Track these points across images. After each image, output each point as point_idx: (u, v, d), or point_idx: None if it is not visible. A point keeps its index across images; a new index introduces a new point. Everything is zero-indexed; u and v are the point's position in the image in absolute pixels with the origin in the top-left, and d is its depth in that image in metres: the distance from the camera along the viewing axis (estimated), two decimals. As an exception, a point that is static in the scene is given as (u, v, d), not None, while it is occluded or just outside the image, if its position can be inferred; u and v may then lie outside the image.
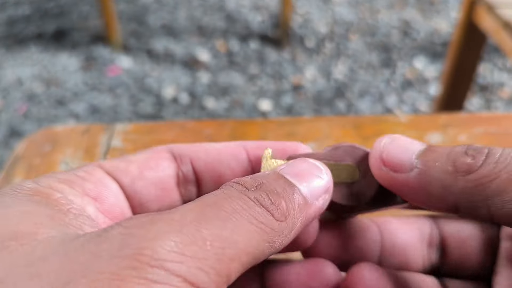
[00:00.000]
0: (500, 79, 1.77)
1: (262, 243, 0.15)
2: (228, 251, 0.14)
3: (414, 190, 0.19)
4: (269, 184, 0.17)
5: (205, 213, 0.15)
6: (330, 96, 1.67)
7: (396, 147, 0.19)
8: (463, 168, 0.17)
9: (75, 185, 0.18)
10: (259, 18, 2.11)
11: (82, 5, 2.18)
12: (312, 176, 0.18)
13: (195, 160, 0.21)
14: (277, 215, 0.16)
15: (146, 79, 1.73)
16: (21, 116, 1.56)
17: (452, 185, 0.18)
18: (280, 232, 0.16)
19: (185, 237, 0.14)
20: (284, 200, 0.17)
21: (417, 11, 2.21)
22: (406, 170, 0.19)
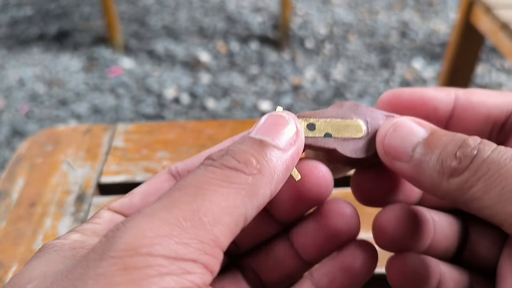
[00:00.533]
0: (498, 80, 1.77)
1: (240, 199, 0.16)
2: (204, 218, 0.15)
3: (409, 179, 0.20)
4: (235, 147, 0.18)
5: (173, 196, 0.16)
6: (329, 96, 1.68)
7: (396, 136, 0.20)
8: (448, 171, 0.18)
9: (87, 230, 0.20)
10: (259, 19, 2.11)
11: (83, 6, 2.19)
12: (279, 126, 0.19)
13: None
14: (247, 170, 0.17)
15: (147, 79, 1.74)
16: (23, 117, 1.57)
17: (438, 184, 0.18)
18: (257, 183, 0.17)
19: (157, 222, 0.15)
20: (252, 156, 0.18)
21: (416, 12, 2.21)
22: (403, 160, 0.20)
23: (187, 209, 0.15)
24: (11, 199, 0.38)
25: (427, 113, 0.22)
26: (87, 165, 0.42)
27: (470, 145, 0.18)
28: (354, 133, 0.21)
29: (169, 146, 0.43)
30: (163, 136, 0.45)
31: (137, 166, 0.41)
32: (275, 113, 0.20)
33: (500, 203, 0.17)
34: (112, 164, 0.42)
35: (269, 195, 0.18)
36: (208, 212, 0.15)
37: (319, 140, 0.21)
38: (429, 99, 0.22)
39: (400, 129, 0.20)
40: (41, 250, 0.19)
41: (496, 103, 0.22)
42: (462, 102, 0.22)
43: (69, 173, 0.41)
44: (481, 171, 0.17)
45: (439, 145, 0.19)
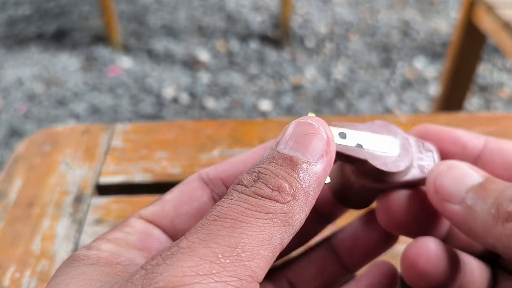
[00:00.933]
0: (500, 79, 1.77)
1: (277, 229, 0.16)
2: (242, 254, 0.15)
3: (459, 223, 0.19)
4: (265, 170, 0.17)
5: (209, 230, 0.15)
6: (330, 96, 1.67)
7: (450, 177, 0.20)
8: (504, 215, 0.18)
9: (121, 241, 0.19)
10: (259, 18, 2.11)
11: (82, 5, 2.18)
12: (308, 137, 0.18)
13: (226, 179, 0.21)
14: (281, 199, 0.16)
15: (146, 79, 1.73)
16: (21, 116, 1.56)
17: (492, 227, 0.18)
18: (293, 210, 0.16)
19: (196, 259, 0.15)
20: (285, 179, 0.17)
21: (417, 11, 2.21)
22: (455, 202, 0.19)
23: (225, 244, 0.15)
24: (8, 200, 0.38)
25: (454, 151, 0.22)
26: (86, 165, 0.41)
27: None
28: (386, 149, 0.21)
29: (168, 146, 0.43)
30: (162, 136, 0.44)
31: (136, 166, 0.41)
32: (303, 121, 0.18)
33: None
34: (110, 164, 0.41)
35: (304, 217, 0.17)
36: (246, 248, 0.15)
37: (350, 149, 0.20)
38: (458, 138, 0.22)
39: (454, 170, 0.20)
40: (75, 259, 0.18)
41: None
42: (492, 147, 0.22)
43: (67, 174, 0.41)
44: None
45: (495, 190, 0.18)
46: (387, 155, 0.21)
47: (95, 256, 0.18)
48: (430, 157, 0.22)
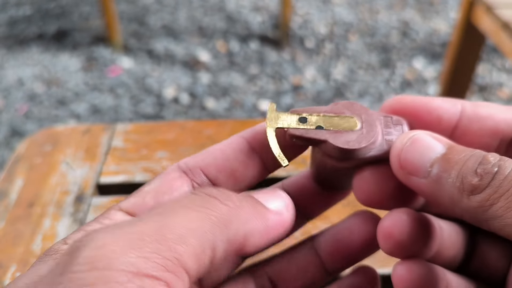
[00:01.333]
0: (499, 80, 1.77)
1: (209, 224, 0.16)
2: (169, 235, 0.15)
3: (426, 196, 0.19)
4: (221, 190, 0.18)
5: (143, 215, 0.16)
6: (329, 96, 1.67)
7: (413, 150, 0.19)
8: (469, 188, 0.18)
9: None
10: (259, 19, 2.11)
11: (83, 5, 2.18)
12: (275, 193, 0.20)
13: (205, 167, 0.21)
14: (223, 199, 0.17)
15: (146, 79, 1.73)
16: (22, 116, 1.56)
17: (458, 200, 0.18)
18: (232, 217, 0.17)
19: (118, 236, 0.15)
20: (236, 196, 0.18)
21: (416, 11, 2.21)
22: (420, 175, 0.19)
23: (153, 225, 0.15)
24: (9, 200, 0.38)
25: (430, 122, 0.22)
26: (86, 165, 0.41)
27: (490, 161, 0.18)
28: (348, 127, 0.21)
29: (169, 146, 0.43)
30: (163, 136, 0.45)
31: (136, 166, 0.41)
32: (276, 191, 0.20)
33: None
34: (111, 164, 0.41)
35: (242, 235, 0.17)
36: (173, 230, 0.15)
37: (310, 131, 0.20)
38: (433, 108, 0.21)
39: (417, 143, 0.19)
40: (46, 253, 0.18)
41: (505, 118, 0.21)
42: (469, 114, 0.21)
43: (68, 173, 0.41)
44: (503, 188, 0.17)
45: (458, 161, 0.18)
46: (348, 132, 0.21)
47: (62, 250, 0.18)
48: (399, 130, 0.21)
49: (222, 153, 0.21)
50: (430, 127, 0.21)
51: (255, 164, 0.22)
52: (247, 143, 0.22)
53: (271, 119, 0.21)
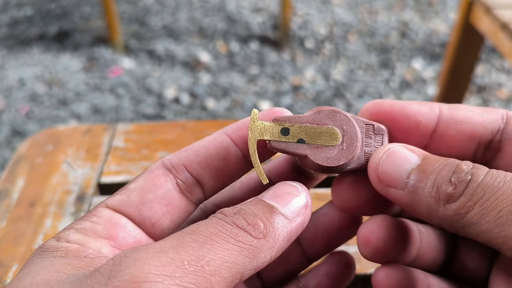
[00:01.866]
0: (498, 80, 1.77)
1: (242, 258, 0.17)
2: (206, 267, 0.16)
3: (404, 206, 0.20)
4: (247, 208, 0.19)
5: (183, 239, 0.17)
6: (329, 96, 1.68)
7: (389, 163, 0.20)
8: (444, 197, 0.18)
9: (88, 231, 0.20)
10: (259, 20, 2.11)
11: (84, 6, 2.19)
12: (290, 196, 0.20)
13: (188, 164, 0.22)
14: (254, 233, 0.18)
15: (147, 79, 1.74)
16: (23, 117, 1.57)
17: (435, 209, 0.19)
18: (260, 247, 0.18)
19: (164, 260, 0.16)
20: (261, 220, 0.18)
21: (416, 12, 2.21)
22: (398, 187, 0.20)
23: (193, 254, 0.16)
24: (11, 199, 0.38)
25: (408, 127, 0.22)
26: (87, 165, 0.42)
27: (463, 170, 0.18)
28: (329, 141, 0.21)
29: (169, 146, 0.44)
30: (163, 136, 0.45)
31: (137, 166, 0.42)
32: (289, 182, 0.20)
33: (497, 227, 0.17)
34: (112, 164, 0.42)
35: (268, 260, 0.18)
36: (211, 262, 0.16)
37: (291, 145, 0.21)
38: (411, 113, 0.22)
39: (393, 156, 0.20)
40: (44, 250, 0.19)
41: (481, 120, 0.22)
42: (446, 118, 0.22)
43: (69, 173, 0.41)
44: (477, 195, 0.18)
45: (433, 170, 0.19)
46: (329, 148, 0.21)
47: (63, 249, 0.19)
48: (379, 141, 0.22)
49: (205, 150, 0.22)
50: (409, 132, 0.22)
51: (237, 159, 0.22)
52: (230, 139, 0.22)
53: (253, 130, 0.21)
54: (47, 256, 0.18)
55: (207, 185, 0.22)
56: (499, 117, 0.22)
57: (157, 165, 0.22)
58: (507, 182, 0.17)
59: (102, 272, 0.16)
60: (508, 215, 0.17)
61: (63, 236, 0.19)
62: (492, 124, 0.22)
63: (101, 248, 0.19)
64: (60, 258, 0.18)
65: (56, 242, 0.19)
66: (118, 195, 0.21)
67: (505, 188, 0.17)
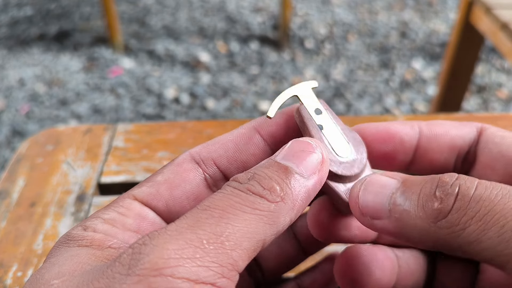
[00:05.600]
0: (498, 80, 1.77)
1: (261, 225, 0.17)
2: (226, 243, 0.16)
3: (395, 235, 0.19)
4: (261, 172, 0.18)
5: (198, 216, 0.16)
6: (329, 96, 1.68)
7: (369, 193, 0.19)
8: (432, 214, 0.17)
9: (117, 223, 0.19)
10: (259, 20, 2.11)
11: (84, 6, 2.19)
12: (304, 153, 0.19)
13: (217, 159, 0.22)
14: (271, 197, 0.17)
15: (147, 79, 1.74)
16: (23, 117, 1.57)
17: (427, 231, 0.17)
18: (279, 211, 0.17)
19: (181, 242, 0.15)
20: (276, 183, 0.18)
21: (416, 12, 2.21)
22: (382, 217, 0.19)
23: (211, 231, 0.16)
24: (11, 199, 0.38)
25: (394, 145, 0.23)
26: (87, 165, 0.42)
27: (447, 182, 0.17)
28: (338, 150, 0.21)
29: (169, 146, 0.44)
30: (163, 136, 0.45)
31: (137, 166, 0.42)
32: (302, 139, 0.20)
33: (501, 244, 0.16)
34: (112, 164, 0.42)
35: (289, 222, 0.18)
36: (230, 237, 0.16)
37: (313, 124, 0.21)
38: (395, 132, 0.23)
39: (371, 185, 0.19)
40: (70, 239, 0.19)
41: (458, 132, 0.22)
42: (426, 133, 0.22)
43: (69, 173, 0.41)
44: (472, 210, 0.16)
45: (414, 190, 0.18)
46: (334, 155, 0.21)
47: (89, 238, 0.19)
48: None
49: (234, 145, 0.22)
50: (396, 150, 0.23)
51: (265, 155, 0.22)
52: (259, 134, 0.22)
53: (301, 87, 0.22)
54: (73, 245, 0.18)
55: None
56: (474, 129, 0.23)
57: (185, 158, 0.22)
58: (506, 195, 0.16)
59: (122, 261, 0.15)
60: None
61: (90, 225, 0.19)
62: (469, 135, 0.22)
63: (129, 240, 0.19)
64: (86, 248, 0.18)
65: (82, 231, 0.19)
66: (145, 187, 0.21)
67: (505, 201, 0.16)
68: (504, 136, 0.22)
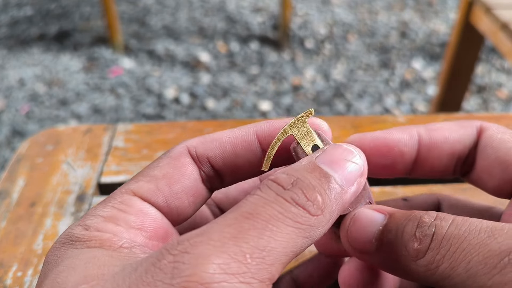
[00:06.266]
0: (498, 80, 1.77)
1: (300, 240, 0.16)
2: (267, 258, 0.15)
3: (382, 268, 0.20)
4: (305, 178, 0.17)
5: (241, 226, 0.16)
6: (329, 96, 1.68)
7: (357, 229, 0.20)
8: (413, 254, 0.18)
9: (119, 221, 0.19)
10: (259, 20, 2.11)
11: (84, 6, 2.19)
12: (347, 162, 0.19)
13: (213, 159, 0.21)
14: (313, 211, 0.17)
15: (147, 79, 1.74)
16: (23, 117, 1.57)
17: (408, 268, 0.18)
18: (317, 225, 0.17)
19: (226, 256, 0.15)
20: (319, 194, 0.17)
21: (416, 12, 2.22)
22: (369, 251, 0.19)
23: (254, 245, 0.16)
24: (11, 199, 0.38)
25: (393, 158, 0.22)
26: (87, 165, 0.42)
27: (426, 223, 0.18)
28: None
29: (170, 146, 0.44)
30: (163, 136, 0.45)
31: (137, 166, 0.42)
32: (345, 146, 0.19)
33: (469, 278, 0.16)
34: (112, 164, 0.42)
35: (322, 234, 0.18)
36: (271, 252, 0.16)
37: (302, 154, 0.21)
38: (394, 145, 0.22)
39: (358, 221, 0.20)
40: (75, 240, 0.18)
41: (458, 137, 0.22)
42: (426, 142, 0.22)
43: (69, 173, 0.41)
44: (444, 248, 0.17)
45: (398, 228, 0.19)
46: None
47: (97, 238, 0.18)
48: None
49: (232, 148, 0.21)
50: (395, 162, 0.23)
51: (260, 162, 0.22)
52: (258, 141, 0.22)
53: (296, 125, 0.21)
54: (80, 246, 0.18)
55: (225, 178, 0.22)
56: (474, 131, 0.23)
57: (181, 151, 0.21)
58: (472, 231, 0.17)
59: (163, 268, 0.15)
60: (477, 265, 0.16)
61: (92, 224, 0.19)
62: (469, 139, 0.22)
63: (135, 238, 0.19)
64: (99, 250, 0.18)
65: (84, 231, 0.18)
66: (144, 182, 0.20)
67: (470, 238, 0.17)
68: (502, 139, 0.22)
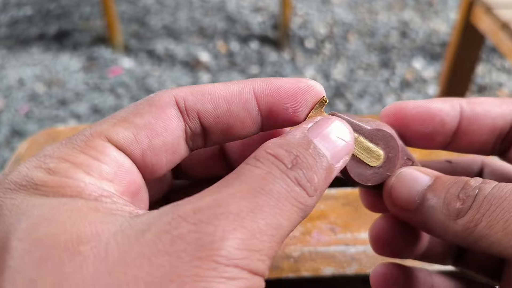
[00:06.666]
0: (499, 80, 1.77)
1: (298, 220, 0.17)
2: (276, 236, 0.16)
3: (419, 225, 0.20)
4: (303, 157, 0.17)
5: (256, 202, 0.16)
6: (329, 96, 1.68)
7: (401, 186, 0.21)
8: (454, 213, 0.19)
9: (91, 170, 0.17)
10: (259, 19, 2.11)
11: (83, 6, 2.19)
12: (338, 141, 0.19)
13: (203, 114, 0.19)
14: (310, 191, 0.17)
15: (147, 79, 1.74)
16: (23, 116, 1.57)
17: (447, 226, 0.19)
18: (312, 205, 0.17)
19: (247, 232, 0.15)
20: (315, 174, 0.17)
21: (416, 12, 2.21)
22: (411, 208, 0.20)
23: (268, 222, 0.16)
24: (10, 199, 0.38)
25: (434, 127, 0.22)
26: (87, 165, 0.42)
27: (471, 186, 0.19)
28: (369, 160, 0.21)
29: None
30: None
31: (136, 165, 0.41)
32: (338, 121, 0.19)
33: (506, 237, 0.17)
34: (111, 164, 0.42)
35: (308, 215, 0.18)
36: (280, 231, 0.16)
37: None
38: (435, 113, 0.22)
39: (404, 179, 0.21)
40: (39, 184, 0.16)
41: (500, 112, 0.22)
42: (468, 114, 0.22)
43: (68, 173, 0.41)
44: (484, 208, 0.18)
45: (443, 189, 0.19)
46: (366, 166, 0.21)
47: (70, 186, 0.16)
48: None
49: (226, 104, 0.19)
50: (435, 131, 0.22)
51: (253, 123, 0.20)
52: (255, 99, 0.20)
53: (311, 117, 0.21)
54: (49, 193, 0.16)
55: (212, 137, 0.20)
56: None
57: (167, 101, 0.19)
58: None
59: (185, 238, 0.14)
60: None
61: (58, 170, 0.16)
62: (510, 115, 0.22)
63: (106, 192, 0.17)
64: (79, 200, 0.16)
65: (50, 176, 0.16)
66: (120, 128, 0.18)
67: (511, 198, 0.17)
68: None
